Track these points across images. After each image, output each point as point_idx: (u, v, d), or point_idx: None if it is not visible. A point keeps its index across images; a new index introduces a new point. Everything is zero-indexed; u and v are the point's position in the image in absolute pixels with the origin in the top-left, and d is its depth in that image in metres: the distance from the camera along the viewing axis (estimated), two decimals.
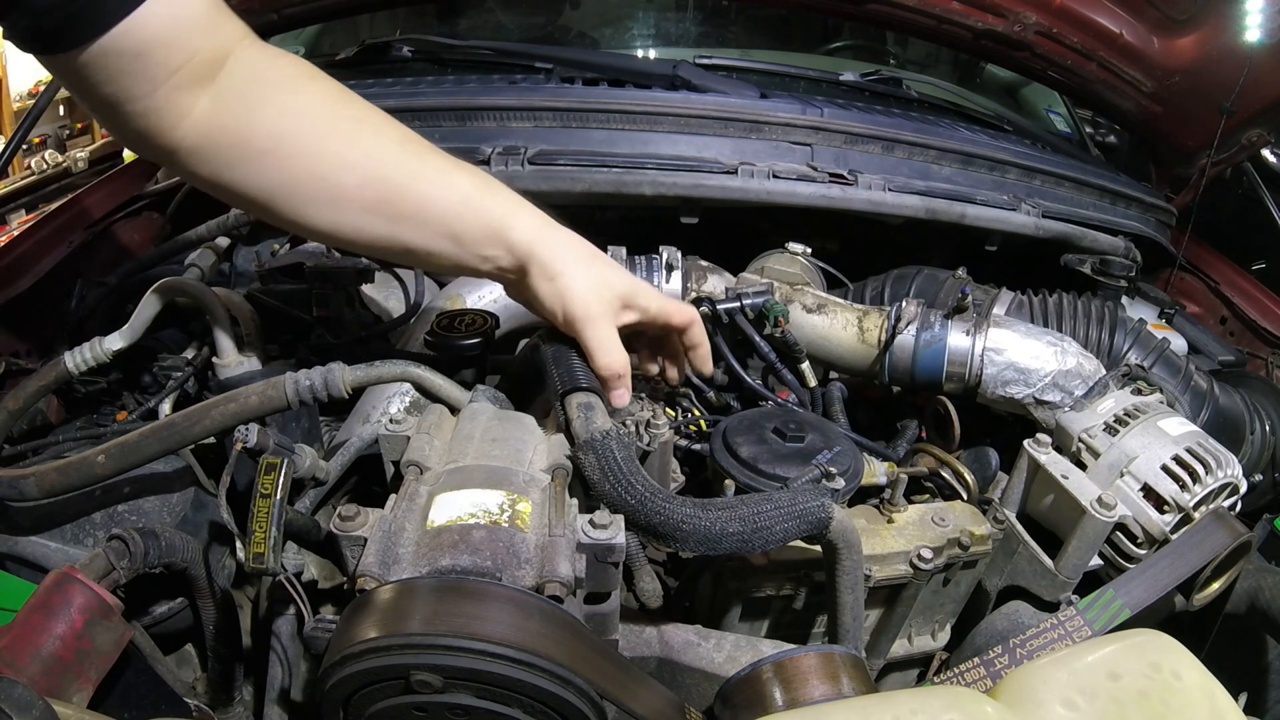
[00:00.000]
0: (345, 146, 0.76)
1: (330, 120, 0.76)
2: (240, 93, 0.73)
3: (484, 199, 0.80)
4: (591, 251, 0.83)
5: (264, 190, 0.77)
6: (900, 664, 1.02)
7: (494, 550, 0.62)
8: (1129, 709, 0.56)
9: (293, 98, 0.76)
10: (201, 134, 0.73)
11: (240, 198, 0.79)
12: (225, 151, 0.75)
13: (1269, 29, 1.45)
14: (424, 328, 1.11)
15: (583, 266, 0.81)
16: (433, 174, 0.78)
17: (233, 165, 0.75)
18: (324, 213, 0.78)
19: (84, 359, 1.03)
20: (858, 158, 1.39)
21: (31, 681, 0.64)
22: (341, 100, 0.78)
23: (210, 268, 1.26)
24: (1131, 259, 1.49)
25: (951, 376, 1.11)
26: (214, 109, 0.73)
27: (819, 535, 0.72)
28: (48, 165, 5.28)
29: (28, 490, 0.82)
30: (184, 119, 0.72)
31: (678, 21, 2.16)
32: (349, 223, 0.79)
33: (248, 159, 0.75)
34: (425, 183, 0.78)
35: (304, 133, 0.75)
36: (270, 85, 0.75)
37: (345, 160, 0.76)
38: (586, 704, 0.57)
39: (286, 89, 0.76)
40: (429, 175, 0.78)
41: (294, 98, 0.76)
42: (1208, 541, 0.91)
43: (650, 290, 0.86)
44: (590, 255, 0.82)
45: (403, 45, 1.69)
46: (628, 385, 0.82)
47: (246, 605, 0.94)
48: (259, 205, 0.79)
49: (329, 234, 0.81)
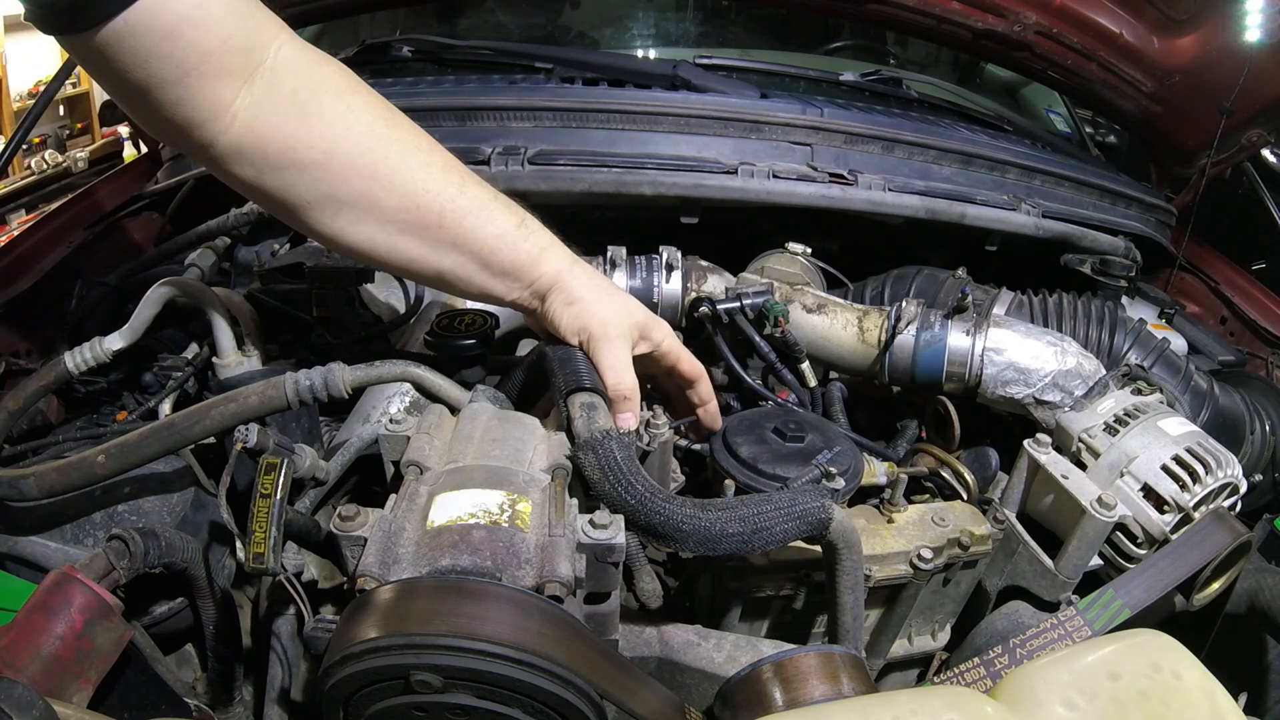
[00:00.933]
0: (392, 168, 0.77)
1: (379, 138, 0.77)
2: (288, 96, 0.72)
3: (518, 237, 0.82)
4: (613, 286, 0.88)
5: (304, 200, 0.76)
6: (900, 664, 1.02)
7: (494, 550, 0.62)
8: (1129, 709, 0.56)
9: (347, 111, 0.75)
10: (245, 134, 0.72)
11: (276, 203, 0.78)
12: (272, 157, 0.73)
13: (1269, 29, 1.45)
14: (424, 328, 1.11)
15: (604, 294, 0.85)
16: (474, 206, 0.80)
17: (278, 171, 0.74)
18: (362, 229, 0.79)
19: (84, 359, 1.03)
20: (858, 158, 1.39)
21: (31, 681, 0.64)
22: (391, 119, 0.79)
23: (210, 268, 1.26)
24: (1131, 259, 1.48)
25: (951, 376, 1.11)
26: (258, 109, 0.71)
27: (819, 535, 0.72)
28: (48, 165, 5.28)
29: (28, 490, 0.82)
30: (222, 113, 0.70)
31: (678, 21, 2.16)
32: (384, 241, 0.80)
33: (295, 167, 0.74)
34: (465, 214, 0.79)
35: (354, 148, 0.75)
36: (321, 93, 0.74)
37: (391, 182, 0.77)
38: (586, 704, 0.57)
39: (339, 100, 0.75)
40: (469, 207, 0.80)
41: (347, 110, 0.75)
42: (1208, 541, 0.91)
43: (668, 330, 0.90)
44: (611, 288, 0.87)
45: (403, 45, 1.69)
46: (636, 409, 0.83)
47: (246, 605, 0.94)
48: (293, 212, 0.78)
49: (363, 250, 0.81)
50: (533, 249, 0.83)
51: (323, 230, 0.79)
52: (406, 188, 0.77)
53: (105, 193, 1.58)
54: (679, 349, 0.91)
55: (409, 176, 0.77)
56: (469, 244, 0.81)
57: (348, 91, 0.77)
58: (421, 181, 0.78)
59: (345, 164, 0.75)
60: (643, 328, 0.87)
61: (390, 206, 0.77)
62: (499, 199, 0.83)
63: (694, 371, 0.92)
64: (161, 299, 1.02)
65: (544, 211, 0.87)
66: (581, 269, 0.85)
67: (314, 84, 0.74)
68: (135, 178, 1.64)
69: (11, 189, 4.90)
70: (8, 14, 5.05)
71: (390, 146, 0.77)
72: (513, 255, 0.82)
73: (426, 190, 0.78)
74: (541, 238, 0.84)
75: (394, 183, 0.77)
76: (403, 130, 0.79)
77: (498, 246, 0.81)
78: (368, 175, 0.76)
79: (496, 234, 0.81)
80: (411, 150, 0.79)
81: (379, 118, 0.78)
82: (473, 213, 0.80)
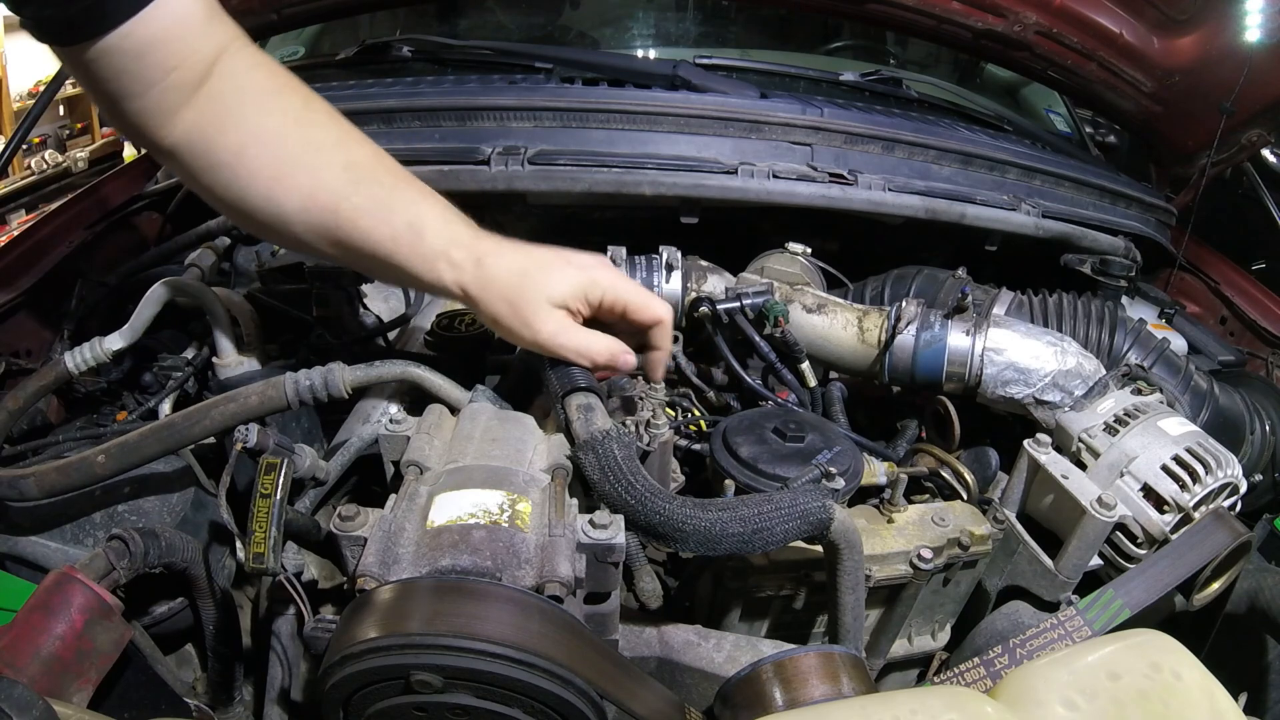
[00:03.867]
0: (293, 168, 0.77)
1: (285, 138, 0.77)
2: (217, 104, 0.75)
3: (413, 240, 0.77)
4: (521, 270, 0.78)
5: (227, 200, 0.79)
6: (900, 664, 1.02)
7: (494, 550, 0.62)
8: (1129, 709, 0.56)
9: (257, 115, 0.77)
10: (182, 139, 0.76)
11: (212, 202, 0.82)
12: (198, 160, 0.77)
13: (1269, 29, 1.45)
14: (424, 328, 1.11)
15: (507, 308, 0.77)
16: (368, 205, 0.77)
17: (202, 173, 0.78)
18: (276, 228, 0.80)
19: (84, 359, 1.03)
20: (858, 158, 1.38)
21: (31, 681, 0.64)
22: (302, 120, 0.78)
23: (210, 268, 1.26)
24: (1131, 259, 1.48)
25: (951, 376, 1.11)
26: (195, 117, 0.75)
27: (820, 535, 0.72)
28: (48, 165, 5.29)
29: (28, 490, 0.82)
30: (169, 121, 0.75)
31: (678, 21, 2.16)
32: (297, 240, 0.81)
33: (214, 169, 0.77)
34: (359, 214, 0.77)
35: (261, 150, 0.77)
36: (243, 99, 0.77)
37: (293, 182, 0.77)
38: (586, 704, 0.58)
39: (254, 105, 0.77)
40: (364, 207, 0.77)
41: (260, 113, 0.77)
42: (1208, 541, 0.91)
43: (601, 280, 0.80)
44: (519, 278, 0.78)
45: (403, 45, 1.69)
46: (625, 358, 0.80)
47: (246, 605, 0.94)
48: (228, 212, 0.82)
49: (289, 245, 0.83)
50: (426, 255, 0.78)
51: (255, 227, 0.82)
52: (305, 188, 0.77)
53: (105, 193, 1.58)
54: (623, 295, 0.81)
55: (309, 176, 0.77)
56: (366, 246, 0.78)
57: (269, 93, 0.78)
58: (320, 180, 0.77)
59: (252, 165, 0.76)
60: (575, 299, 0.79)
61: (292, 207, 0.77)
62: (399, 194, 0.79)
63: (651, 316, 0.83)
64: (161, 299, 1.02)
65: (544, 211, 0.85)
66: (487, 273, 0.77)
67: (238, 87, 0.76)
68: (135, 178, 1.64)
69: (11, 189, 4.90)
70: (8, 15, 5.05)
71: (295, 146, 0.77)
72: (408, 260, 0.78)
73: (324, 189, 0.77)
74: (435, 240, 0.78)
75: (294, 183, 0.77)
76: (314, 129, 0.78)
77: (391, 250, 0.78)
78: (271, 176, 0.77)
79: (390, 236, 0.77)
80: (315, 149, 0.78)
81: (291, 118, 0.78)
82: (365, 213, 0.77)
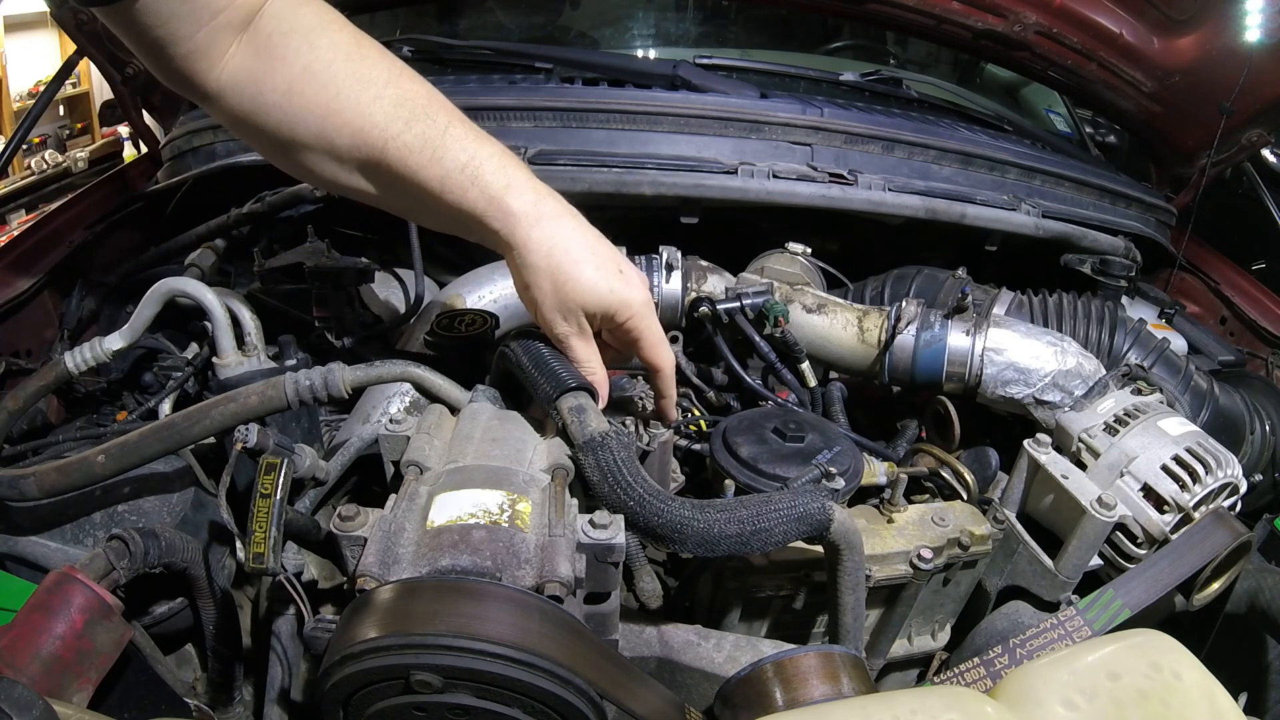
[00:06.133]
0: (342, 104, 0.76)
1: (335, 75, 0.77)
2: (265, 41, 0.75)
3: (464, 182, 0.76)
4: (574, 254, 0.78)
5: (274, 139, 0.79)
6: (900, 664, 1.02)
7: (494, 550, 0.62)
8: (1129, 709, 0.56)
9: (309, 50, 0.76)
10: (229, 78, 0.76)
11: (258, 144, 0.82)
12: (245, 100, 0.77)
13: (1269, 29, 1.45)
14: (424, 328, 1.11)
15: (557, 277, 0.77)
16: (418, 144, 0.76)
17: (251, 114, 0.78)
18: (326, 167, 0.80)
19: (84, 359, 1.03)
20: (858, 158, 1.39)
21: (31, 681, 0.64)
22: (354, 54, 0.78)
23: (210, 268, 1.26)
24: (1131, 259, 1.49)
25: (951, 376, 1.11)
26: (242, 55, 0.75)
27: (820, 536, 0.72)
28: (48, 165, 5.29)
29: (28, 490, 0.82)
30: (219, 61, 0.75)
31: (678, 21, 2.16)
32: (345, 180, 0.81)
33: (263, 109, 0.77)
34: (408, 152, 0.76)
35: (309, 86, 0.76)
36: (290, 34, 0.76)
37: (341, 119, 0.76)
38: (586, 704, 0.57)
39: (304, 41, 0.76)
40: (413, 145, 0.76)
41: (308, 49, 0.76)
42: (1208, 541, 0.91)
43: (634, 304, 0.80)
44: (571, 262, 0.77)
45: (403, 45, 1.69)
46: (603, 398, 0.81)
47: (246, 605, 0.94)
48: (272, 153, 0.82)
49: (333, 186, 0.83)
50: (477, 198, 0.76)
51: (297, 168, 0.82)
52: (355, 124, 0.76)
53: (105, 193, 1.58)
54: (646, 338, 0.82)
55: (357, 112, 0.76)
56: (413, 184, 0.77)
57: (316, 30, 0.77)
58: (369, 116, 0.76)
59: (302, 102, 0.76)
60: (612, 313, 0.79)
61: (342, 145, 0.77)
62: (453, 134, 0.77)
63: (653, 361, 0.84)
64: (161, 299, 1.02)
65: None
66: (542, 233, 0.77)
67: (286, 26, 0.76)
68: (135, 178, 1.64)
69: (11, 189, 4.90)
70: (8, 14, 5.05)
71: (344, 82, 0.76)
72: (456, 201, 0.77)
73: (374, 125, 0.76)
74: (493, 183, 0.76)
75: (344, 120, 0.76)
76: (364, 64, 0.77)
77: (439, 190, 0.76)
78: (321, 113, 0.76)
79: (439, 176, 0.76)
80: (365, 84, 0.77)
81: (340, 53, 0.77)
82: (414, 150, 0.76)
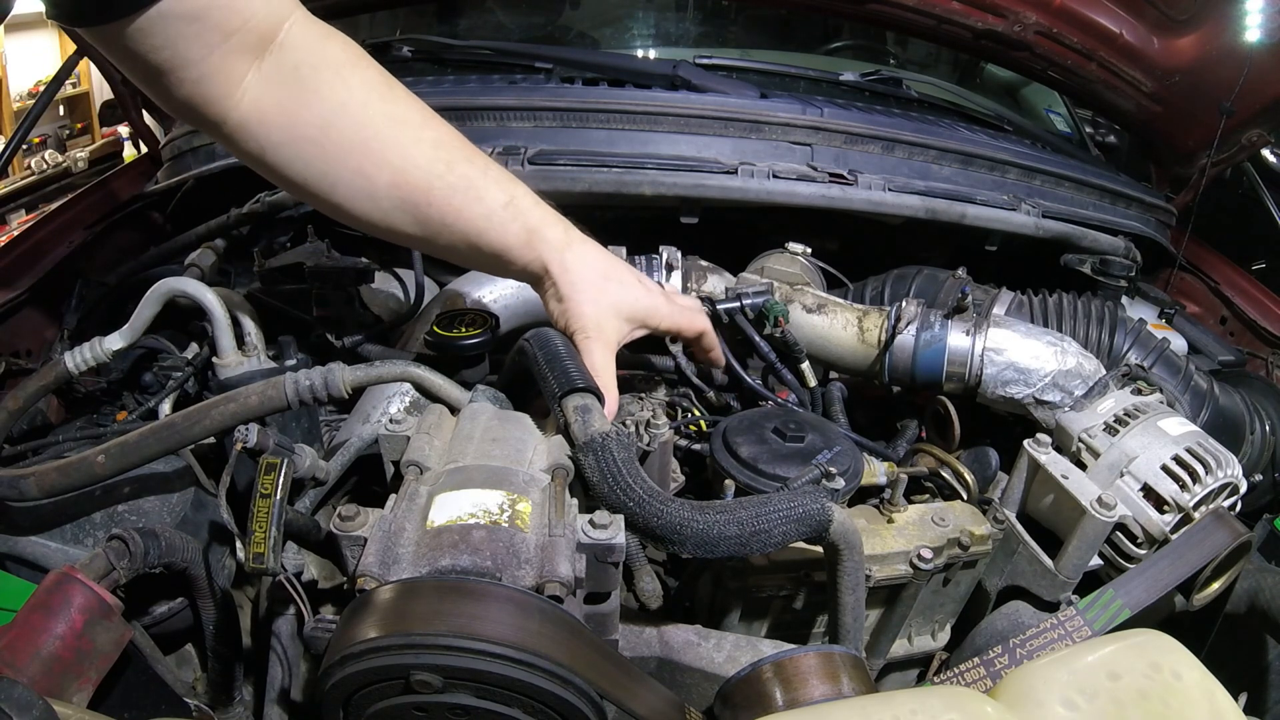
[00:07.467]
0: (383, 144, 0.77)
1: (373, 114, 0.77)
2: (292, 73, 0.74)
3: (505, 218, 0.81)
4: (604, 272, 0.85)
5: (304, 175, 0.78)
6: (900, 664, 1.02)
7: (494, 550, 0.62)
8: (1129, 709, 0.56)
9: (343, 88, 0.76)
10: (252, 109, 0.74)
11: (281, 178, 0.80)
12: (274, 133, 0.76)
13: (1269, 29, 1.45)
14: (424, 328, 1.11)
15: (592, 292, 0.83)
16: (461, 184, 0.79)
17: (279, 147, 0.76)
18: (359, 205, 0.80)
19: (84, 359, 1.03)
20: (858, 158, 1.39)
21: (31, 681, 0.64)
22: (388, 93, 0.79)
23: (210, 268, 1.26)
24: (1131, 259, 1.48)
25: (951, 376, 1.11)
26: (265, 86, 0.73)
27: (819, 536, 0.72)
28: (48, 165, 5.29)
29: (28, 490, 0.82)
30: (235, 89, 0.73)
31: (678, 21, 2.16)
32: (381, 218, 0.81)
33: (294, 143, 0.76)
34: (452, 192, 0.79)
35: (348, 124, 0.76)
36: (321, 68, 0.75)
37: (382, 158, 0.77)
38: (586, 704, 0.57)
39: (338, 77, 0.76)
40: (457, 185, 0.79)
41: (343, 86, 0.76)
42: (1208, 541, 0.91)
43: (662, 308, 0.89)
44: (601, 278, 0.85)
45: (403, 45, 1.69)
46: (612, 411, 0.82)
47: (246, 605, 0.94)
48: (298, 188, 0.80)
49: (364, 225, 0.83)
50: (519, 232, 0.82)
51: (329, 205, 0.81)
52: (395, 164, 0.77)
53: (105, 193, 1.58)
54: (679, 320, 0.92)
55: (399, 153, 0.77)
56: (456, 224, 0.80)
57: (347, 65, 0.77)
58: (411, 158, 0.78)
59: (340, 139, 0.76)
60: (632, 319, 0.87)
61: (381, 183, 0.78)
62: (491, 176, 0.82)
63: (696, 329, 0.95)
64: (161, 299, 1.02)
65: None
66: (575, 256, 0.84)
67: (315, 60, 0.75)
68: (135, 178, 1.64)
69: (11, 189, 4.90)
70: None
71: (382, 122, 0.77)
72: (500, 237, 0.81)
73: (416, 166, 0.78)
74: (531, 217, 0.83)
75: (384, 159, 0.77)
76: (398, 105, 0.79)
77: (484, 228, 0.81)
78: (360, 151, 0.76)
79: (484, 214, 0.80)
80: (403, 125, 0.78)
81: (375, 92, 0.78)
82: (460, 191, 0.79)
